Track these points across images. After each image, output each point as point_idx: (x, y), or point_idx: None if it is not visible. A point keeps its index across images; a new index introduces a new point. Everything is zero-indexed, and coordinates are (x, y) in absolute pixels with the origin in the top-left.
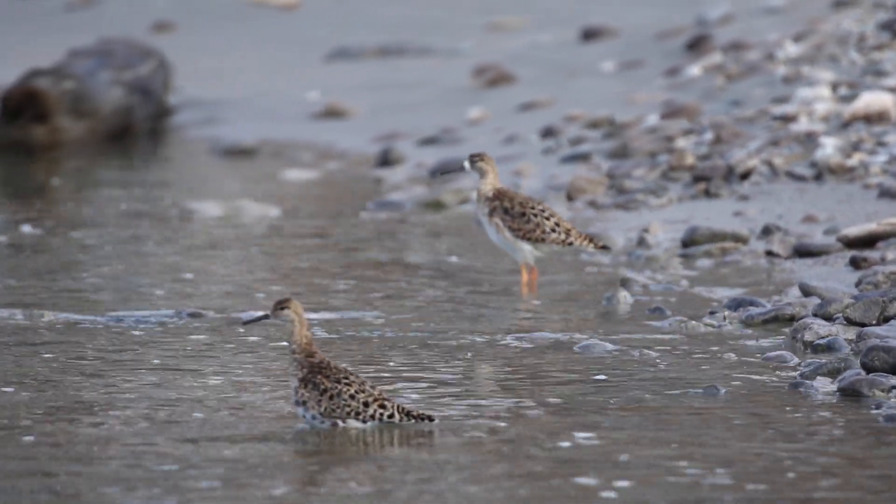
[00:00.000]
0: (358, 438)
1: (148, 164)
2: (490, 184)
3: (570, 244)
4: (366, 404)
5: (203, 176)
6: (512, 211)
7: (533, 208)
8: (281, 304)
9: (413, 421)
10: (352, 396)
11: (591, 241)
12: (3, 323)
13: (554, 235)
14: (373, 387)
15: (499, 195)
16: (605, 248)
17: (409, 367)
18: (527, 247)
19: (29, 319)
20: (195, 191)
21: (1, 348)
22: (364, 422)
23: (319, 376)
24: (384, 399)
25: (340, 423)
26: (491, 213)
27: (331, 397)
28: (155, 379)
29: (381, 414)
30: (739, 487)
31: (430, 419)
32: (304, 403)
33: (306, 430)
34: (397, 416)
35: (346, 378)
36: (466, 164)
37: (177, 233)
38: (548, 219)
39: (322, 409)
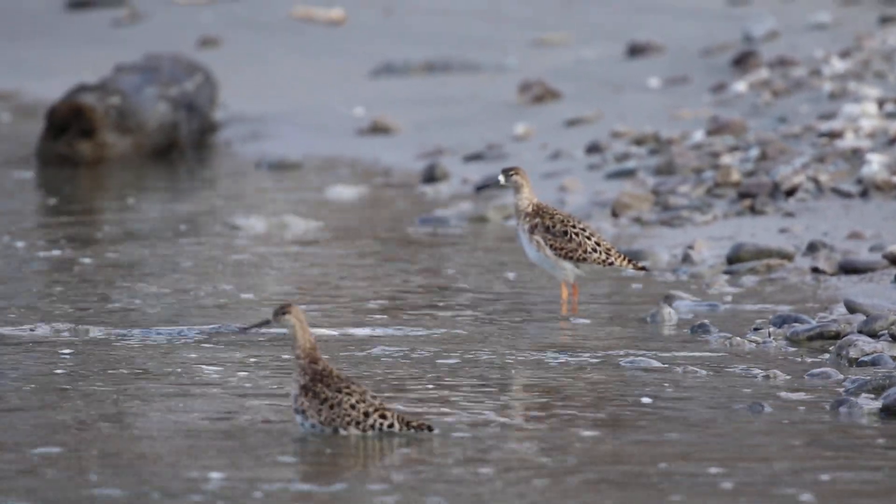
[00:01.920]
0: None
1: (193, 179)
2: (526, 198)
3: (611, 264)
4: (366, 414)
5: (248, 191)
6: (554, 229)
7: (574, 227)
8: (282, 310)
9: (413, 431)
10: (352, 406)
11: (630, 261)
12: (50, 339)
13: (595, 255)
14: (374, 396)
15: (538, 211)
16: (643, 268)
17: (450, 384)
18: (568, 266)
19: (75, 335)
20: (240, 206)
21: (48, 363)
22: (364, 431)
23: (320, 385)
24: (384, 409)
25: (342, 430)
26: (532, 230)
27: (331, 407)
28: (200, 393)
29: (381, 424)
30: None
31: (430, 429)
32: (303, 412)
33: (313, 437)
34: (397, 426)
35: (348, 387)
36: (501, 178)
37: (221, 248)
38: (589, 238)
39: (322, 419)
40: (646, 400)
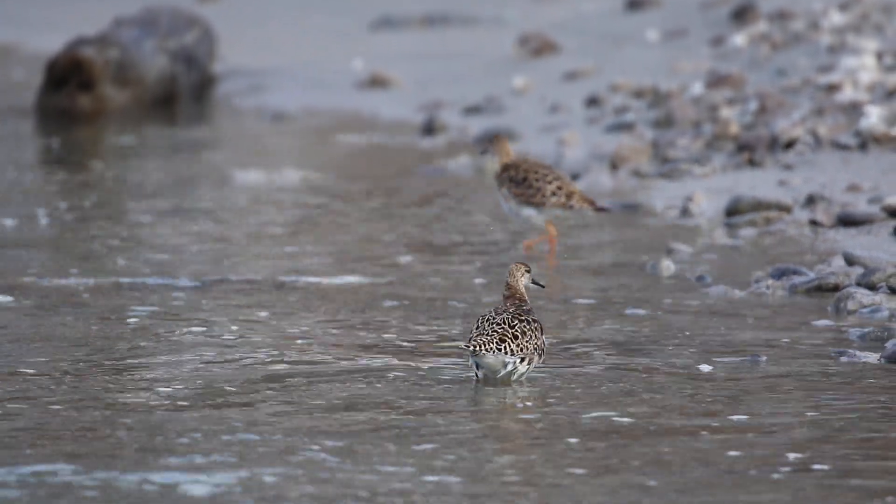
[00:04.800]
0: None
1: (191, 132)
2: (500, 161)
3: (571, 207)
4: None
5: (247, 144)
6: (516, 178)
7: (536, 173)
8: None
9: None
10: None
11: (591, 203)
12: (52, 288)
13: (555, 199)
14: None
15: (507, 166)
16: (603, 209)
17: (456, 334)
18: (531, 212)
19: (77, 285)
20: (239, 158)
21: (53, 313)
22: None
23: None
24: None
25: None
26: (501, 185)
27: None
28: (201, 343)
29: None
30: (781, 455)
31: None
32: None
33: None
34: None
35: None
36: (481, 152)
37: (219, 200)
38: (550, 182)
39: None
40: (644, 344)
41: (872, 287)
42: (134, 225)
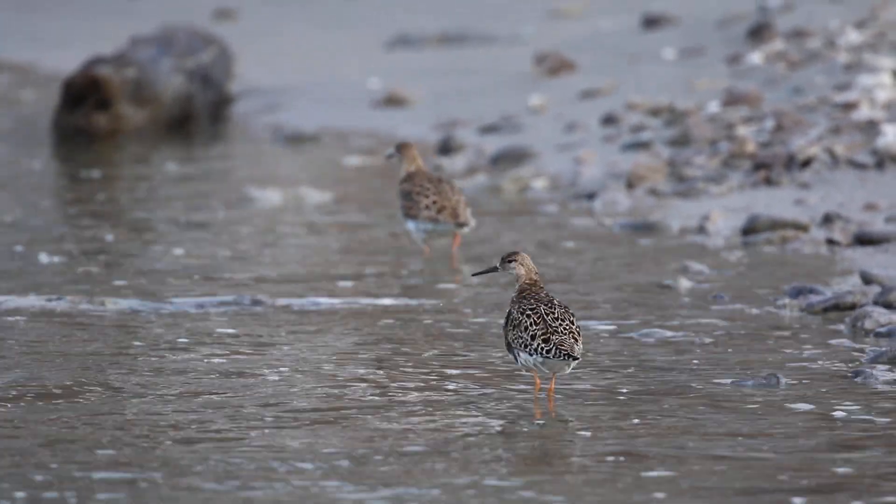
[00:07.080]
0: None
1: (209, 151)
2: (405, 168)
3: (437, 221)
4: (533, 337)
5: (264, 163)
6: (406, 191)
7: (420, 186)
8: (509, 258)
9: (562, 358)
10: (526, 329)
11: (454, 218)
12: (66, 311)
13: (426, 213)
14: (563, 318)
15: (407, 177)
16: (461, 224)
17: (463, 351)
18: (411, 225)
19: (91, 306)
20: (256, 178)
21: (66, 336)
22: (530, 354)
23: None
24: (553, 334)
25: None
26: (398, 197)
27: (514, 327)
28: (218, 365)
29: (543, 349)
30: (800, 476)
31: (574, 358)
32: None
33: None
34: (554, 353)
35: (534, 311)
36: (387, 156)
37: (237, 220)
38: (427, 196)
39: (507, 338)
40: (659, 364)
41: (889, 306)
42: (159, 247)
